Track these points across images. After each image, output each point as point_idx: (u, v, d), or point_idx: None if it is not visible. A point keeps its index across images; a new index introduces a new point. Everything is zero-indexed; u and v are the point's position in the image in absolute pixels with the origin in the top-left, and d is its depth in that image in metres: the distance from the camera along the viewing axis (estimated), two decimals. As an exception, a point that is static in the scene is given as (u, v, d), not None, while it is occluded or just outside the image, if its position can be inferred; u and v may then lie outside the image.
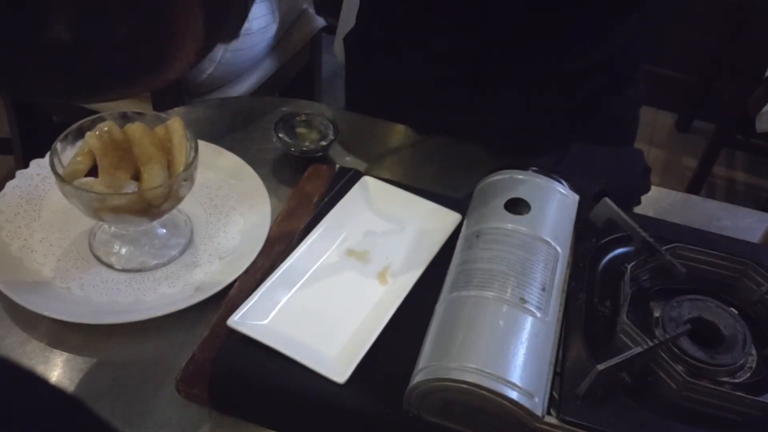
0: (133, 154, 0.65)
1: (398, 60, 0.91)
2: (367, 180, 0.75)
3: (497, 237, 0.60)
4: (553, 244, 0.61)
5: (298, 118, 0.81)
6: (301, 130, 0.81)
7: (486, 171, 0.70)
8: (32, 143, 1.40)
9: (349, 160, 0.83)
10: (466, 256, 0.61)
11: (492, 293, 0.56)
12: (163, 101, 1.19)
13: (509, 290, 0.56)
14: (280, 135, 0.79)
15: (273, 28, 1.36)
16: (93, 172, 0.65)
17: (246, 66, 1.33)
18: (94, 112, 0.69)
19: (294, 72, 1.52)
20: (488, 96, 0.87)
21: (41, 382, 0.30)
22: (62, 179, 0.61)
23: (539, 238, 0.60)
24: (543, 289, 0.57)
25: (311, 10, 1.51)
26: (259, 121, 0.89)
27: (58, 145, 0.64)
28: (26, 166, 0.76)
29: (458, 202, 0.72)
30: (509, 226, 0.61)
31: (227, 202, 0.77)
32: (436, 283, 0.63)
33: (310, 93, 1.66)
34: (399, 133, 0.89)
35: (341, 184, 0.75)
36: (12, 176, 0.75)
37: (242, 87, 1.34)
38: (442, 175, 0.83)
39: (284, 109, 0.85)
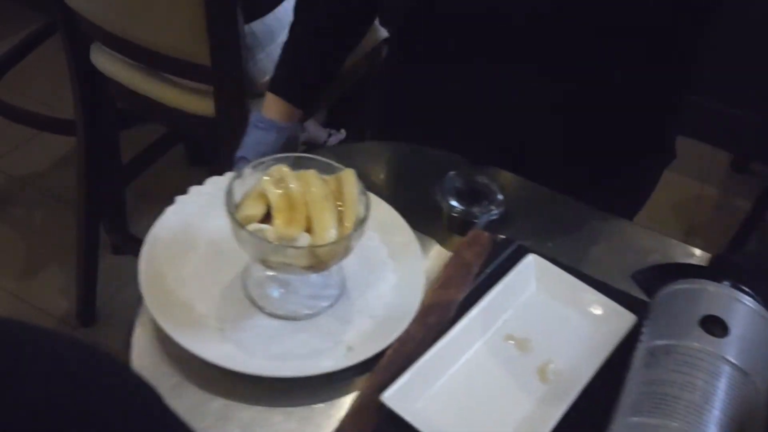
0: (306, 205, 0.63)
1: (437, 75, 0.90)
2: (534, 259, 0.70)
3: (690, 359, 0.55)
4: (753, 377, 0.54)
5: (463, 178, 0.78)
6: (465, 191, 0.77)
7: (657, 260, 0.65)
8: (95, 127, 1.38)
9: (510, 230, 0.78)
10: (653, 375, 0.55)
11: (677, 424, 0.51)
12: (225, 99, 1.18)
13: (701, 425, 0.51)
14: (444, 194, 0.76)
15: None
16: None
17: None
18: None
19: (351, 79, 1.49)
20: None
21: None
22: (239, 224, 0.59)
23: (739, 369, 0.54)
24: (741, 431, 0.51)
25: (376, 22, 1.47)
26: (417, 173, 0.85)
27: (234, 186, 0.63)
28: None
29: (634, 301, 0.67)
30: (706, 348, 0.55)
31: (377, 255, 0.74)
32: (605, 392, 0.58)
33: (361, 100, 1.64)
34: (568, 207, 0.83)
35: (504, 257, 0.71)
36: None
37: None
38: (610, 259, 0.77)
39: (450, 169, 0.81)
